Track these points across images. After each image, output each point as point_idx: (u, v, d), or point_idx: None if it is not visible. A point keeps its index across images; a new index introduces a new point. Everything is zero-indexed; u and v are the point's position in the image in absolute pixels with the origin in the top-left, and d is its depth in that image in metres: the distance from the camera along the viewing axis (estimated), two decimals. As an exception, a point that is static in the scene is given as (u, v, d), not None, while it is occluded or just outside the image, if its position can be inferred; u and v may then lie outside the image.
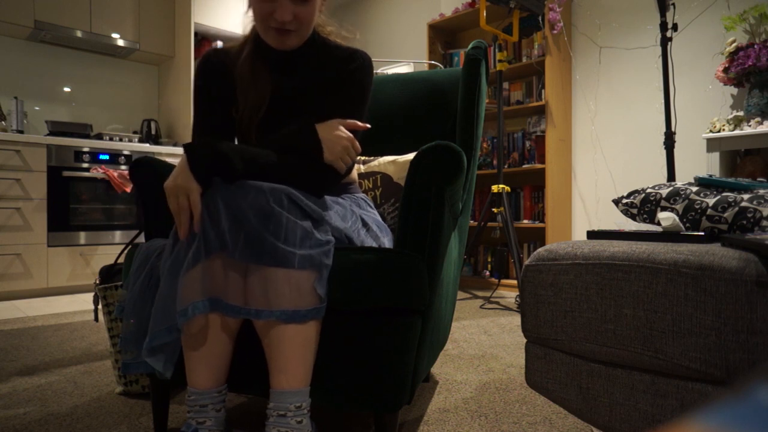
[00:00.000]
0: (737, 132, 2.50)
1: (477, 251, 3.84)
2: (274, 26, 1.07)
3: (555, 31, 3.32)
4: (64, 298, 3.22)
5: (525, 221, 3.51)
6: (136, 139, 3.74)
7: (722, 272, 0.74)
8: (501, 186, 2.88)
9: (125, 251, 1.98)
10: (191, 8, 3.87)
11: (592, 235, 1.10)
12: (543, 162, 3.37)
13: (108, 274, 1.49)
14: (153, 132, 3.99)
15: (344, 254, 0.99)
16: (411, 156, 1.46)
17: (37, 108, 3.75)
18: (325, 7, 1.18)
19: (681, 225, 1.04)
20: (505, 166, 3.59)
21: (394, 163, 1.47)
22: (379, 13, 4.83)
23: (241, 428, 1.23)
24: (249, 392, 1.08)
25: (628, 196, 1.23)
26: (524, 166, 3.45)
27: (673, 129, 2.33)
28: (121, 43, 3.81)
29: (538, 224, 3.38)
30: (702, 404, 0.77)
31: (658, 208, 1.15)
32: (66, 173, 3.27)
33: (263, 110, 1.15)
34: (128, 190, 3.47)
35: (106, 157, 3.45)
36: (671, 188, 1.15)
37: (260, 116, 1.14)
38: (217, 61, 1.19)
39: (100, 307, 1.97)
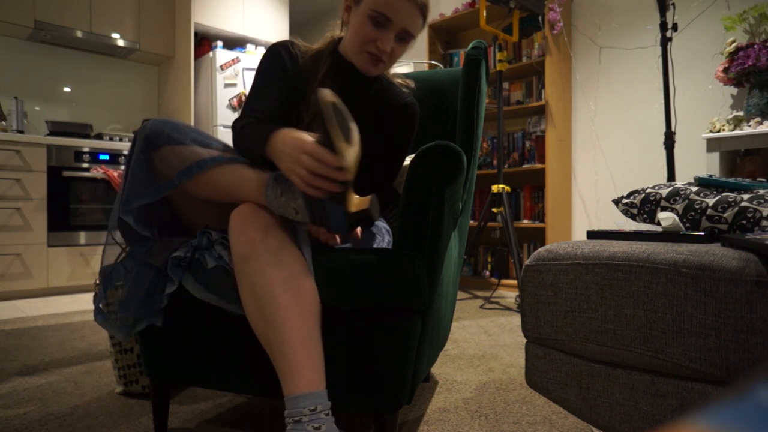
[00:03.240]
0: (737, 132, 2.50)
1: (477, 251, 3.84)
2: (372, 51, 1.15)
3: (555, 31, 3.32)
4: (64, 298, 3.22)
5: (525, 221, 3.51)
6: (136, 139, 3.74)
7: (722, 272, 0.74)
8: (501, 186, 2.88)
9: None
10: (191, 8, 3.87)
11: (592, 235, 1.10)
12: (543, 162, 3.37)
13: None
14: (153, 132, 3.99)
15: (344, 254, 0.99)
16: (406, 162, 1.46)
17: (37, 108, 3.75)
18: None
19: (681, 225, 1.04)
20: (505, 166, 3.59)
21: None
22: (379, 13, 4.83)
23: (241, 428, 1.23)
24: (247, 392, 1.08)
25: (628, 196, 1.23)
26: (524, 166, 3.45)
27: (673, 129, 2.33)
28: (121, 43, 3.81)
29: (538, 224, 3.38)
30: (702, 404, 0.77)
31: (658, 208, 1.15)
32: (66, 173, 3.27)
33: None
34: (128, 190, 3.47)
35: (106, 157, 3.45)
36: (671, 188, 1.15)
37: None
38: (294, 54, 1.23)
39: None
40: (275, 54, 1.21)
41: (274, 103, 1.16)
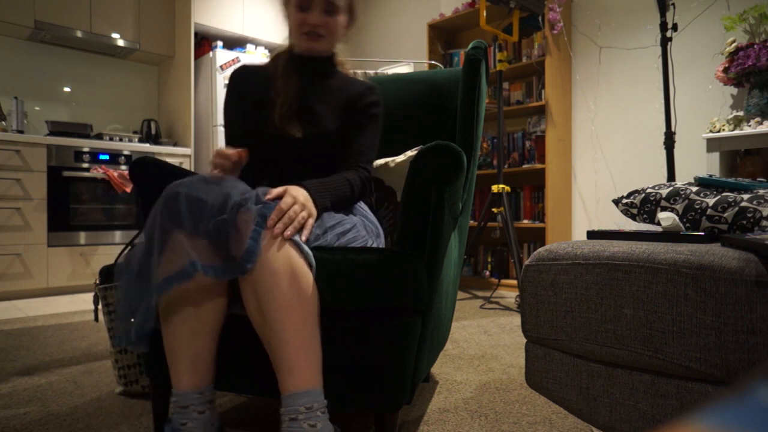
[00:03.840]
0: (737, 132, 2.50)
1: (477, 251, 3.84)
2: (306, 31, 1.27)
3: (555, 31, 3.32)
4: (64, 298, 3.22)
5: (525, 221, 3.51)
6: (136, 139, 3.74)
7: (722, 272, 0.74)
8: (501, 186, 2.88)
9: (125, 251, 1.98)
10: (191, 8, 3.87)
11: (592, 235, 1.10)
12: (543, 162, 3.37)
13: (108, 274, 1.49)
14: (153, 132, 3.99)
15: (343, 254, 0.99)
16: (400, 159, 1.46)
17: (37, 108, 3.75)
18: (348, 40, 1.38)
19: (681, 225, 1.04)
20: (505, 166, 3.59)
21: (385, 167, 1.47)
22: (379, 13, 4.83)
23: (241, 428, 1.23)
24: (247, 392, 1.08)
25: (628, 196, 1.23)
26: (524, 166, 3.45)
27: (673, 129, 2.34)
28: (121, 43, 3.81)
29: (538, 224, 3.38)
30: (702, 404, 0.77)
31: (658, 208, 1.15)
32: (66, 173, 3.27)
33: (296, 103, 1.28)
34: (128, 190, 3.47)
35: (106, 157, 3.45)
36: (671, 188, 1.15)
37: (294, 108, 1.27)
38: (247, 72, 1.38)
39: (100, 307, 1.97)
40: (230, 82, 1.38)
41: (241, 123, 1.32)
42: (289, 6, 1.30)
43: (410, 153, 1.45)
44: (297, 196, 1.01)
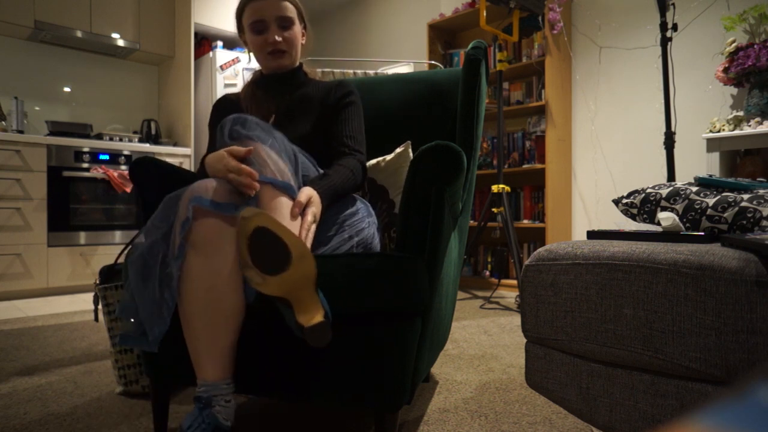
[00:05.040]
0: (737, 132, 2.50)
1: (477, 251, 3.84)
2: (269, 50, 1.33)
3: (555, 31, 3.32)
4: (64, 298, 3.22)
5: (525, 221, 3.51)
6: (136, 139, 3.74)
7: (722, 272, 0.74)
8: (501, 186, 2.88)
9: (125, 251, 1.98)
10: (191, 8, 3.87)
11: (592, 235, 1.10)
12: (543, 162, 3.37)
13: (108, 274, 1.49)
14: (153, 132, 3.99)
15: (344, 258, 0.99)
16: (390, 157, 1.46)
17: (37, 108, 3.75)
18: (309, 47, 1.44)
19: (681, 225, 1.04)
20: (505, 166, 3.59)
21: (377, 166, 1.47)
22: (379, 13, 4.83)
23: (241, 428, 1.23)
24: (248, 392, 1.08)
25: (628, 196, 1.23)
26: (524, 166, 3.45)
27: (673, 129, 2.34)
28: (121, 43, 3.81)
29: (538, 224, 3.38)
30: (702, 404, 0.77)
31: (658, 208, 1.15)
32: (66, 173, 3.27)
33: (272, 122, 1.32)
34: (128, 190, 3.47)
35: (106, 157, 3.45)
36: (671, 188, 1.15)
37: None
38: (228, 101, 1.42)
39: (100, 307, 1.97)
40: (213, 111, 1.43)
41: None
42: (245, 33, 1.37)
43: (399, 150, 1.45)
44: (316, 200, 1.05)
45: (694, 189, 1.11)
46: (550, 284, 0.93)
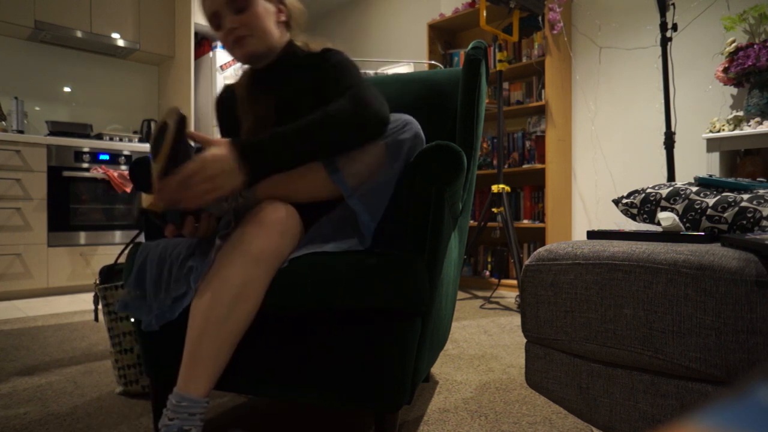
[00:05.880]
0: (737, 132, 2.50)
1: (477, 251, 3.84)
2: (232, 40, 1.18)
3: (555, 31, 3.32)
4: (64, 298, 3.22)
5: (525, 221, 3.51)
6: (136, 139, 3.74)
7: (722, 272, 0.74)
8: (501, 186, 2.88)
9: (125, 251, 1.98)
10: (191, 8, 3.87)
11: (592, 235, 1.10)
12: (543, 162, 3.37)
13: (108, 274, 1.49)
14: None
15: (343, 257, 0.99)
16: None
17: (37, 108, 3.75)
18: (298, 21, 1.28)
19: (681, 225, 1.04)
20: (505, 166, 3.59)
21: None
22: (379, 13, 4.83)
23: (240, 428, 1.23)
24: (247, 392, 1.08)
25: (628, 196, 1.23)
26: (524, 166, 3.45)
27: (673, 129, 2.33)
28: (121, 43, 3.81)
29: (538, 224, 3.38)
30: (702, 404, 0.77)
31: (658, 208, 1.15)
32: (66, 173, 3.27)
33: (271, 123, 1.22)
34: (128, 190, 3.47)
35: (106, 157, 3.45)
36: (671, 188, 1.15)
37: (260, 130, 1.20)
38: (227, 96, 1.35)
39: (100, 307, 1.97)
40: (218, 105, 1.38)
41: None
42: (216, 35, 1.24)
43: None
44: (211, 165, 0.94)
45: (694, 189, 1.11)
46: (550, 284, 0.93)
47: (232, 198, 1.04)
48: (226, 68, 3.97)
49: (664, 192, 1.15)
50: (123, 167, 3.51)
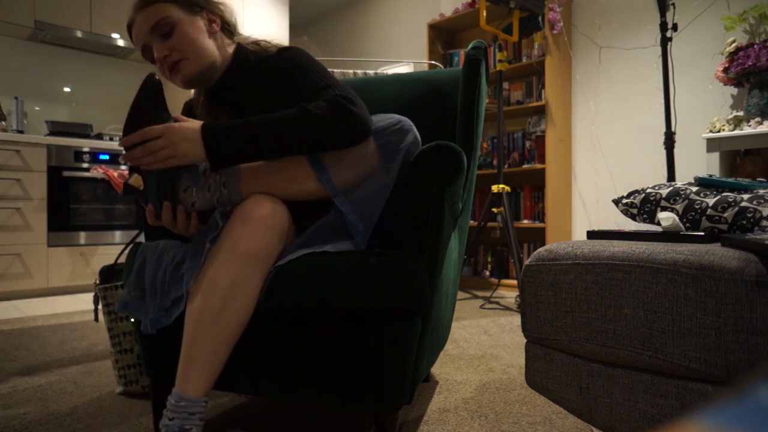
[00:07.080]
0: (737, 132, 2.50)
1: (477, 251, 3.84)
2: (167, 68, 1.12)
3: (555, 31, 3.32)
4: (64, 298, 3.22)
5: (525, 221, 3.51)
6: (136, 139, 3.74)
7: (722, 272, 0.74)
8: (501, 186, 2.88)
9: (125, 251, 1.98)
10: (191, 8, 3.87)
11: (592, 235, 1.10)
12: (543, 162, 3.37)
13: (108, 274, 1.49)
14: (153, 132, 3.99)
15: (343, 257, 0.99)
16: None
17: (37, 108, 3.75)
18: (232, 27, 1.24)
19: (681, 225, 1.04)
20: (505, 166, 3.59)
21: None
22: (379, 13, 4.83)
23: (241, 428, 1.23)
24: (247, 392, 1.08)
25: (628, 196, 1.23)
26: (524, 166, 3.45)
27: (673, 129, 2.34)
28: (121, 43, 3.81)
29: (538, 224, 3.38)
30: (702, 404, 0.77)
31: (658, 208, 1.15)
32: (66, 173, 3.27)
33: None
34: (128, 190, 3.47)
35: (106, 157, 3.45)
36: (671, 188, 1.15)
37: None
38: (187, 115, 1.28)
39: (100, 307, 1.97)
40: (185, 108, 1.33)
41: None
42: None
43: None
44: (177, 132, 0.95)
45: (694, 189, 1.11)
46: (550, 284, 0.93)
47: (214, 187, 1.01)
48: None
49: (664, 192, 1.15)
50: (123, 167, 3.51)
